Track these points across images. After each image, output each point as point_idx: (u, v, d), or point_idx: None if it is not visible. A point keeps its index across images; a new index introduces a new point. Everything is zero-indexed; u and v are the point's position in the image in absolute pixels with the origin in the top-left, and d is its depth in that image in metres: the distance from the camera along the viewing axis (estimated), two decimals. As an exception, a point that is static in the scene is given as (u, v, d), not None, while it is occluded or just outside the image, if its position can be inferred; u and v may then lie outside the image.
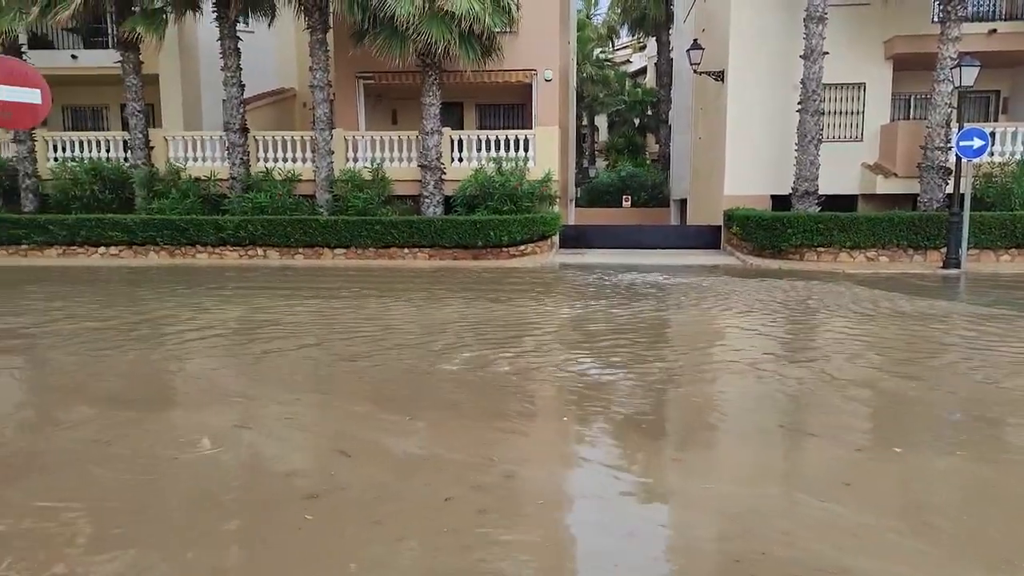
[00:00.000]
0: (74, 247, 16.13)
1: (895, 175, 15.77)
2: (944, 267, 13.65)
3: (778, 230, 14.79)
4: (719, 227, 17.45)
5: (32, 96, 5.12)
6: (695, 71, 18.18)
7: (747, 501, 3.48)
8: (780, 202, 16.38)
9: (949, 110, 14.50)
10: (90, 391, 5.54)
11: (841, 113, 16.68)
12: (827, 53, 14.94)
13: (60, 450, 4.20)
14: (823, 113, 15.42)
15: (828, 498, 3.49)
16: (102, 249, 16.08)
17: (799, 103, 15.32)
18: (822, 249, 14.81)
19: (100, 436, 4.39)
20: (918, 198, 15.20)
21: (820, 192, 15.48)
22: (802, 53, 15.11)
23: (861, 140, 16.59)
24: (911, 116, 17.25)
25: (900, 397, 5.37)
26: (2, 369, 6.31)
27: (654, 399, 5.28)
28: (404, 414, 4.87)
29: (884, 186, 15.91)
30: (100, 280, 12.85)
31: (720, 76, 17.55)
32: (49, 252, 16.17)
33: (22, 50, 16.85)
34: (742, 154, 16.88)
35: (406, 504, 3.40)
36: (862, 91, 16.51)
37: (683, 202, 24.27)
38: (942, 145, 14.57)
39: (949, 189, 14.38)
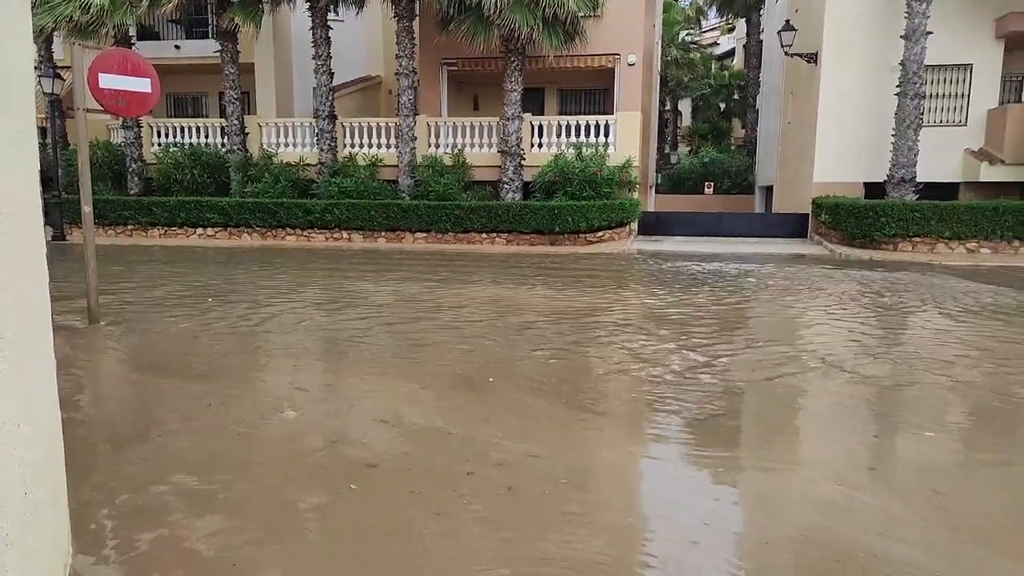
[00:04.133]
0: (174, 228, 17.13)
1: (1002, 162, 14.81)
2: (1055, 261, 12.79)
3: (871, 219, 14.17)
4: (806, 215, 16.84)
5: (144, 85, 5.54)
6: (787, 53, 17.54)
7: (825, 497, 3.43)
8: (873, 189, 15.66)
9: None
10: (203, 361, 5.95)
11: (943, 96, 15.74)
12: (931, 33, 14.13)
13: (181, 410, 4.56)
14: (924, 96, 14.62)
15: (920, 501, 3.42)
16: (199, 230, 17.03)
17: (898, 86, 14.57)
18: (918, 239, 14.12)
19: (209, 399, 4.74)
20: (1028, 187, 14.28)
21: (918, 179, 14.73)
22: (903, 33, 14.34)
23: (964, 125, 15.62)
24: (1023, 99, 16.11)
25: (996, 396, 5.09)
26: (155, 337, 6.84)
27: (724, 392, 5.21)
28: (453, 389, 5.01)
29: (989, 174, 14.96)
30: (230, 260, 13.60)
31: (813, 58, 16.86)
32: (152, 232, 17.24)
33: (132, 42, 17.92)
34: (834, 139, 16.21)
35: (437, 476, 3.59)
36: (968, 73, 15.52)
37: (769, 189, 23.52)
38: (1057, 130, 13.60)
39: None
